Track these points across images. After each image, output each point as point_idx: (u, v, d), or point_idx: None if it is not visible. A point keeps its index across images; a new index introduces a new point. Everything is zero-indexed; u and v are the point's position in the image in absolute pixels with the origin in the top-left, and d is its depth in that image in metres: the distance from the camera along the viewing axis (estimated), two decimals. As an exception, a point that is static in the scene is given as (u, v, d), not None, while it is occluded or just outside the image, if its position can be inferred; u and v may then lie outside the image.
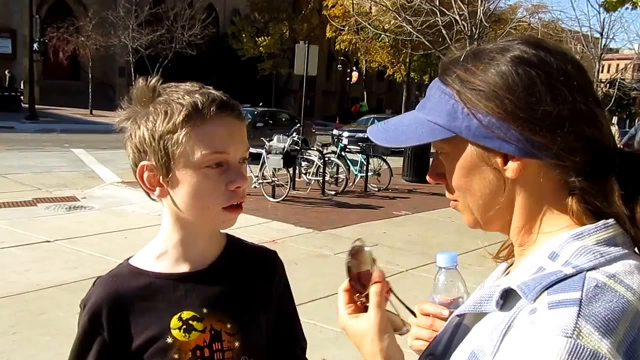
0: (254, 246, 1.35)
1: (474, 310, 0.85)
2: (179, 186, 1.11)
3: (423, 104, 0.91)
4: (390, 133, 0.94)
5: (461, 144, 0.85)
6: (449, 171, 0.89)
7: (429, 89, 0.91)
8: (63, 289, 5.27)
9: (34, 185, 10.68)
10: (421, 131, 0.87)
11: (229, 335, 1.18)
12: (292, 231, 8.02)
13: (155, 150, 1.10)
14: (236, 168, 1.11)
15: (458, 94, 0.83)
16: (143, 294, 1.16)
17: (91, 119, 28.78)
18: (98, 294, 1.16)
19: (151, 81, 1.13)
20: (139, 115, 1.11)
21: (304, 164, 11.92)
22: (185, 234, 1.18)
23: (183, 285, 1.18)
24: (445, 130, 0.84)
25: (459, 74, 0.85)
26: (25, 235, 7.06)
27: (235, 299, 1.21)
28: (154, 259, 1.20)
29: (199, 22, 31.20)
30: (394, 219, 9.36)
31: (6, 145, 16.43)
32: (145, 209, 8.94)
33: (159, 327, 1.14)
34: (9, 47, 34.97)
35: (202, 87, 1.14)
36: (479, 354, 0.79)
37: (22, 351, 4.11)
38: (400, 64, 40.62)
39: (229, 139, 1.10)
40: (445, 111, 0.84)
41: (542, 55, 0.82)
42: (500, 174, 0.83)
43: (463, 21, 13.54)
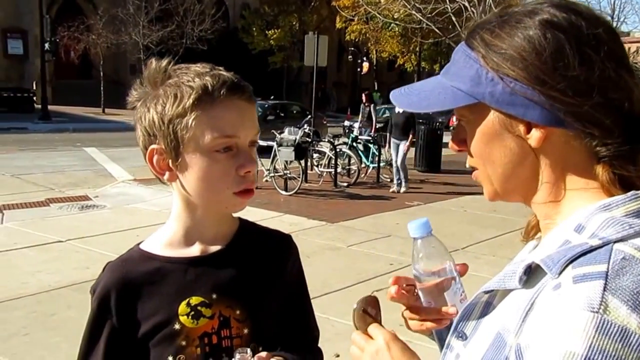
0: (268, 230, 1.32)
1: (498, 286, 0.83)
2: (188, 170, 1.10)
3: (447, 68, 0.88)
4: (413, 97, 0.91)
5: (483, 111, 0.82)
6: (470, 138, 0.87)
7: (455, 52, 0.88)
8: (74, 289, 5.29)
9: (46, 185, 10.78)
10: (444, 97, 0.85)
11: (238, 321, 1.16)
12: (305, 224, 8.03)
13: (164, 134, 1.09)
14: (246, 152, 1.10)
15: (483, 58, 0.81)
16: (152, 278, 1.15)
17: (103, 117, 29.00)
18: (107, 279, 1.16)
19: (162, 63, 1.11)
20: (149, 98, 1.10)
21: (315, 156, 11.97)
22: (195, 218, 1.17)
23: (194, 269, 1.16)
24: (468, 96, 0.82)
25: (485, 38, 0.82)
26: (37, 235, 7.12)
27: (246, 284, 1.18)
28: (164, 244, 1.19)
29: (208, 17, 31.17)
30: (407, 210, 9.36)
31: (19, 145, 16.64)
32: (157, 207, 9.06)
33: (167, 312, 1.13)
34: (20, 48, 35.28)
35: (213, 68, 1.11)
36: (504, 334, 0.77)
37: (33, 352, 4.12)
38: (411, 53, 40.48)
39: (239, 122, 1.09)
40: (468, 76, 0.82)
41: (572, 19, 0.78)
42: (523, 143, 0.81)
43: (472, 7, 13.42)
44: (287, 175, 10.49)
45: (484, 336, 0.82)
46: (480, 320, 0.86)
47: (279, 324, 1.23)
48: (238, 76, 1.13)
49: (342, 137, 13.42)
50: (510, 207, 9.16)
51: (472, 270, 0.99)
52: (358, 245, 7.11)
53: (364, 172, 12.18)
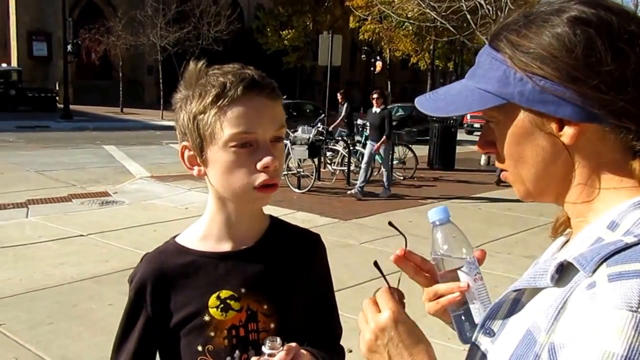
0: (297, 228, 1.35)
1: (529, 285, 0.81)
2: (211, 166, 1.14)
3: (473, 71, 0.87)
4: (439, 102, 0.89)
5: (513, 111, 0.81)
6: (499, 139, 0.85)
7: (479, 56, 0.87)
8: (95, 282, 5.44)
9: (68, 181, 10.94)
10: (471, 99, 0.84)
11: (265, 316, 1.18)
12: (318, 221, 8.03)
13: (191, 131, 1.13)
14: (266, 148, 1.10)
15: (510, 59, 0.80)
16: (186, 271, 1.19)
17: (122, 116, 29.43)
18: (144, 270, 1.21)
19: (199, 64, 1.14)
20: (183, 98, 1.14)
21: (328, 154, 11.93)
22: (227, 214, 1.19)
23: (224, 264, 1.19)
24: (496, 97, 0.81)
25: (511, 39, 0.81)
26: (60, 229, 7.27)
27: (274, 280, 1.21)
28: (198, 238, 1.22)
29: (224, 18, 31.33)
30: (420, 208, 9.27)
31: (42, 143, 16.93)
32: (173, 203, 9.18)
33: (198, 304, 1.16)
34: (44, 50, 36.13)
35: (242, 67, 1.14)
36: (534, 332, 0.76)
37: (58, 341, 4.22)
38: (424, 52, 40.30)
39: (257, 118, 1.09)
40: (495, 77, 0.81)
41: (601, 14, 0.77)
42: (555, 141, 0.80)
43: (488, 5, 13.33)
44: (300, 173, 10.51)
45: (512, 333, 0.81)
46: (508, 318, 0.84)
47: (304, 320, 1.24)
48: (262, 74, 1.14)
49: (355, 136, 13.40)
50: (525, 205, 9.10)
51: (487, 269, 1.00)
52: (371, 242, 7.10)
53: (377, 170, 11.98)
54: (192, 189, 10.15)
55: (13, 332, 4.29)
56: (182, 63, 27.24)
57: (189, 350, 1.16)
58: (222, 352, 1.16)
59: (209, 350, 1.15)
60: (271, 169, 1.10)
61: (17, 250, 6.41)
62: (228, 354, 1.15)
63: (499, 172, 5.39)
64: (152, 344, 1.21)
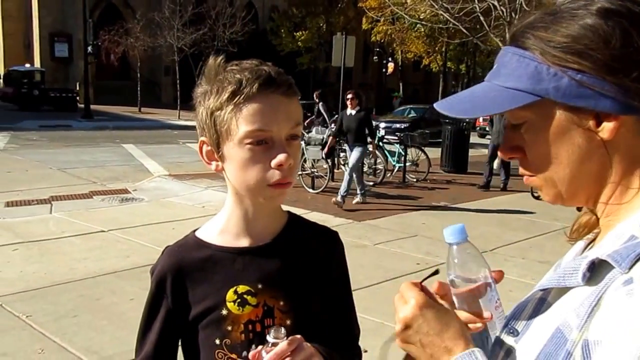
0: (316, 225, 1.33)
1: (557, 284, 0.80)
2: (227, 162, 1.14)
3: (496, 72, 0.84)
4: (465, 104, 0.86)
5: (547, 108, 0.78)
6: (530, 141, 0.82)
7: (500, 57, 0.84)
8: (117, 276, 5.56)
9: (89, 179, 11.13)
10: (501, 99, 0.81)
11: (282, 312, 1.18)
12: (332, 222, 8.02)
13: (208, 127, 1.13)
14: (281, 145, 1.10)
15: (542, 55, 0.77)
16: (204, 265, 1.19)
17: (140, 116, 29.89)
18: (164, 263, 1.22)
19: (218, 59, 1.14)
20: (202, 94, 1.15)
21: (342, 155, 11.86)
22: (244, 210, 1.20)
23: (242, 259, 1.19)
24: (529, 94, 0.78)
25: (540, 35, 0.78)
26: (83, 225, 7.41)
27: (291, 276, 1.20)
28: (217, 233, 1.23)
29: (239, 20, 31.65)
30: (433, 210, 9.29)
31: (64, 142, 17.24)
32: (190, 201, 9.30)
33: (216, 298, 1.17)
34: (65, 51, 36.92)
35: (260, 63, 1.13)
36: (564, 330, 0.74)
37: (82, 333, 4.31)
38: (437, 54, 40.19)
39: (272, 116, 1.09)
40: (526, 75, 0.78)
41: (629, 6, 0.76)
42: (592, 137, 0.77)
43: (502, 6, 13.30)
44: (314, 173, 10.54)
45: (539, 332, 0.80)
46: (533, 317, 0.83)
47: (321, 319, 1.23)
48: (280, 70, 1.13)
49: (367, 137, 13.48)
50: (539, 210, 9.14)
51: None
52: (384, 243, 7.11)
53: (390, 172, 12.10)
54: (209, 187, 10.24)
55: (39, 324, 4.39)
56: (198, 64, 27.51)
57: (207, 344, 1.18)
58: (238, 347, 1.16)
59: (226, 344, 1.16)
60: (285, 166, 1.10)
61: (42, 244, 6.55)
62: (245, 349, 1.15)
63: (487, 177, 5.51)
64: (174, 334, 1.22)
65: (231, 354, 1.16)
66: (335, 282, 1.29)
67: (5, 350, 4.01)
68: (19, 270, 5.64)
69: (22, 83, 30.67)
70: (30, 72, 31.95)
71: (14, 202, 8.82)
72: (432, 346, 0.83)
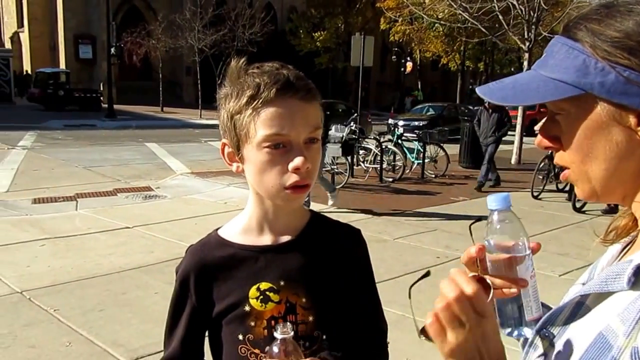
0: (338, 223, 1.33)
1: (600, 289, 0.78)
2: (247, 164, 1.15)
3: (543, 61, 0.82)
4: (507, 91, 0.84)
5: (589, 103, 0.76)
6: (567, 132, 0.80)
7: (550, 46, 0.83)
8: (141, 271, 5.63)
9: (113, 177, 11.26)
10: (544, 89, 0.79)
11: (304, 308, 1.18)
12: (352, 217, 8.08)
13: (229, 129, 1.15)
14: (298, 150, 1.10)
15: (591, 48, 0.75)
16: (227, 263, 1.21)
17: (162, 115, 30.21)
18: (188, 261, 1.24)
19: (240, 62, 1.15)
20: (224, 97, 1.16)
21: (361, 152, 12.02)
22: (265, 209, 1.21)
23: (264, 257, 1.20)
24: (573, 87, 0.76)
25: (592, 28, 0.76)
26: (107, 222, 7.51)
27: (313, 274, 1.21)
28: (239, 231, 1.24)
29: (258, 21, 31.83)
30: (452, 205, 9.32)
31: (89, 141, 17.52)
32: (212, 197, 9.37)
33: (239, 295, 1.18)
34: (89, 53, 37.61)
35: (281, 67, 1.14)
36: (608, 336, 0.72)
37: (108, 327, 4.37)
38: (455, 53, 40.05)
39: (290, 120, 1.09)
40: (573, 67, 0.76)
41: None
42: (632, 136, 0.74)
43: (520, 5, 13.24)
44: (334, 170, 10.61)
45: (579, 337, 0.77)
46: (570, 322, 0.81)
47: (345, 316, 1.23)
48: (300, 74, 1.13)
49: (387, 135, 13.44)
50: (556, 203, 9.23)
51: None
52: (404, 238, 7.15)
53: (409, 168, 12.20)
54: (231, 184, 10.33)
55: (66, 318, 4.46)
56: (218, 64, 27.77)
57: (231, 339, 1.19)
58: (261, 342, 1.17)
59: (249, 340, 1.18)
60: (302, 170, 1.10)
61: (68, 240, 6.65)
62: (267, 344, 1.14)
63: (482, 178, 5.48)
64: (200, 330, 1.25)
65: (254, 349, 1.18)
66: (359, 279, 1.28)
67: (33, 342, 4.08)
68: (46, 265, 5.75)
69: (47, 84, 31.27)
70: (55, 74, 32.51)
71: (40, 199, 8.97)
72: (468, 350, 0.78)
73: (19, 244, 6.49)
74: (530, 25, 13.30)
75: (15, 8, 42.19)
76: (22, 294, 4.97)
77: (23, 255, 6.06)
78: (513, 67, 47.44)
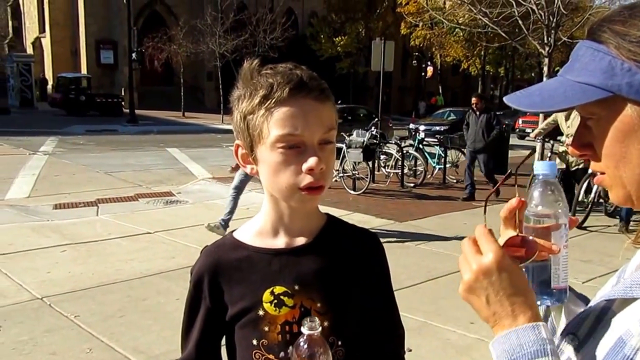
0: (355, 228, 1.31)
1: (624, 295, 0.77)
2: (261, 165, 1.14)
3: (570, 66, 0.82)
4: (534, 98, 0.83)
5: (618, 105, 0.75)
6: (599, 137, 0.78)
7: (575, 51, 0.82)
8: (162, 277, 5.61)
9: (135, 182, 11.30)
10: (571, 94, 0.78)
11: (319, 314, 1.16)
12: (374, 222, 8.06)
13: (242, 130, 1.14)
14: (312, 150, 1.08)
15: (617, 49, 0.74)
16: (241, 265, 1.19)
17: (183, 120, 30.41)
18: (202, 263, 1.23)
19: (253, 63, 1.14)
20: (237, 98, 1.15)
21: (382, 157, 11.98)
22: (280, 211, 1.19)
23: (278, 260, 1.19)
24: (601, 90, 0.75)
25: (616, 29, 0.75)
26: (129, 227, 7.52)
27: (328, 279, 1.19)
28: (254, 233, 1.22)
29: (279, 26, 31.99)
30: (474, 210, 9.24)
31: (111, 146, 17.64)
32: (234, 203, 9.42)
33: (253, 298, 1.17)
34: (111, 58, 38.01)
35: (294, 67, 1.12)
36: (627, 338, 0.73)
37: (129, 333, 4.35)
38: (475, 57, 39.96)
39: (303, 120, 1.07)
40: (599, 69, 0.75)
41: None
42: None
43: (540, 10, 13.18)
44: (355, 175, 10.58)
45: (602, 342, 0.77)
46: (595, 327, 0.81)
47: (361, 321, 1.21)
48: (313, 75, 1.12)
49: (408, 140, 13.44)
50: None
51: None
52: (426, 244, 7.12)
53: (430, 173, 12.14)
54: (253, 190, 10.20)
55: (87, 324, 4.45)
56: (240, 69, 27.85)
57: (245, 344, 1.18)
58: (275, 347, 1.16)
59: (263, 345, 1.16)
60: (316, 171, 1.08)
61: (89, 246, 6.66)
62: (282, 349, 1.15)
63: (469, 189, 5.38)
64: (216, 332, 1.23)
65: (268, 354, 1.16)
66: (376, 284, 1.26)
67: (54, 349, 4.07)
68: (67, 271, 5.75)
69: (69, 89, 31.67)
70: (77, 79, 32.96)
71: (61, 205, 9.03)
72: (498, 306, 0.81)
73: (40, 250, 6.51)
74: (550, 30, 13.21)
75: (37, 13, 42.71)
76: (42, 300, 4.97)
77: (44, 261, 6.07)
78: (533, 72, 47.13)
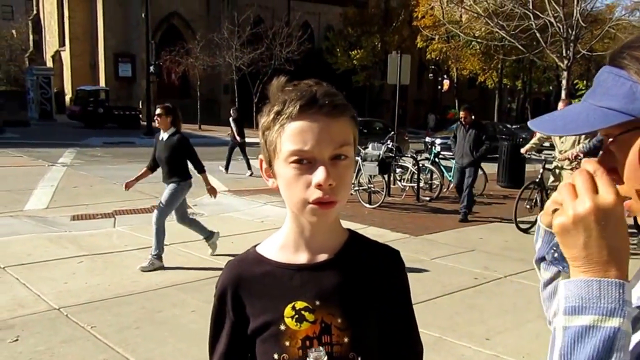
0: (376, 244, 1.32)
1: None
2: (278, 179, 1.16)
3: (592, 91, 0.83)
4: (557, 122, 0.85)
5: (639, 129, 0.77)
6: (621, 162, 0.79)
7: (598, 75, 0.83)
8: (178, 289, 5.62)
9: (151, 194, 11.19)
10: (593, 118, 0.79)
11: (339, 330, 1.17)
12: (389, 236, 8.03)
13: (262, 145, 1.17)
14: (322, 166, 1.08)
15: (637, 74, 0.76)
16: (263, 280, 1.20)
17: (200, 133, 30.44)
18: (225, 276, 1.24)
19: (280, 79, 1.16)
20: (260, 113, 1.18)
21: (398, 171, 11.95)
22: (301, 226, 1.20)
23: (300, 275, 1.19)
24: (622, 114, 0.76)
25: (636, 54, 0.77)
26: (145, 239, 7.46)
27: (349, 294, 1.19)
28: (276, 249, 1.24)
29: (295, 39, 32.24)
30: (490, 225, 9.18)
31: (128, 158, 17.79)
32: (249, 216, 9.35)
33: (274, 313, 1.17)
34: (129, 71, 38.53)
35: (315, 84, 1.14)
36: None
37: (144, 345, 4.34)
38: (492, 70, 39.78)
39: (312, 137, 1.08)
40: (621, 94, 0.77)
41: None
42: None
43: (558, 23, 13.10)
44: (371, 189, 10.56)
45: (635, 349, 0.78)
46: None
47: (381, 338, 1.22)
48: (329, 91, 1.13)
49: (424, 153, 13.36)
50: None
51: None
52: (442, 258, 7.08)
53: (446, 187, 12.06)
54: (268, 203, 10.31)
55: (103, 335, 4.48)
56: (255, 82, 28.09)
57: (266, 358, 1.18)
58: None
59: (284, 359, 1.17)
60: (324, 186, 1.08)
61: (106, 257, 6.71)
62: None
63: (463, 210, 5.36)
64: (241, 346, 1.23)
65: None
66: (396, 301, 1.27)
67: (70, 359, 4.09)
68: (84, 282, 5.79)
69: (88, 102, 32.12)
70: (95, 91, 33.46)
71: (79, 216, 9.13)
72: (596, 251, 0.74)
73: (58, 261, 6.56)
74: (569, 43, 13.12)
75: (57, 28, 43.45)
76: (59, 310, 5.00)
77: (61, 272, 6.11)
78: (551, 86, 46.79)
